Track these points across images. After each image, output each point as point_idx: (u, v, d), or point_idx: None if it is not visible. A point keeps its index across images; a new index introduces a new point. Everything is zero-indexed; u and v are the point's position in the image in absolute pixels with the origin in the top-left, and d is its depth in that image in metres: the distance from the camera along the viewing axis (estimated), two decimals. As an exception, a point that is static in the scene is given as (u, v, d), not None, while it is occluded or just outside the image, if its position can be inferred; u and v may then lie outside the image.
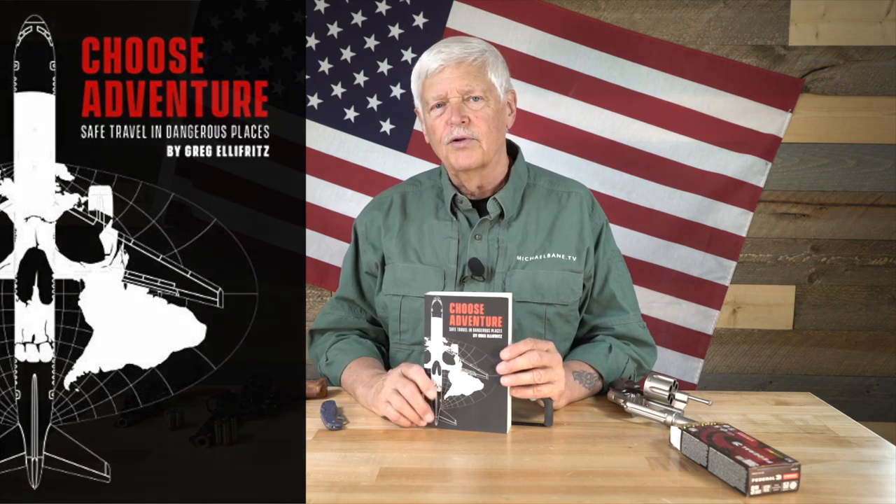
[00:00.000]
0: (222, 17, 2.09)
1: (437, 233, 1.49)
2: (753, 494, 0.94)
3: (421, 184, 1.58)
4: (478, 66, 1.41)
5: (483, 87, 1.41)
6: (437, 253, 1.48)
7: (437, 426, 1.21)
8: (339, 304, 1.59)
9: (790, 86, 2.06)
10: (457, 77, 1.40)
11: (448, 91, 1.40)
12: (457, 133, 1.39)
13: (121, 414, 1.22)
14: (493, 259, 1.46)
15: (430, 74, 1.42)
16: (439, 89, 1.41)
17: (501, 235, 1.47)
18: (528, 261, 1.45)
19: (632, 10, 2.10)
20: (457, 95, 1.40)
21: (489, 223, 1.47)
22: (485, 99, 1.41)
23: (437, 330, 1.20)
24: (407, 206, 1.55)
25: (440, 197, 1.53)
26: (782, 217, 2.16)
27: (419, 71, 1.45)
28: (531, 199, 1.51)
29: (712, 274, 2.11)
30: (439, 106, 1.42)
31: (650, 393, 1.25)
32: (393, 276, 1.50)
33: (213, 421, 1.17)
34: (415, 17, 2.08)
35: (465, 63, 1.40)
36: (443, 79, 1.40)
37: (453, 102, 1.40)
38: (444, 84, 1.40)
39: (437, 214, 1.51)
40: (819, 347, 2.19)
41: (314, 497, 0.95)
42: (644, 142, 2.08)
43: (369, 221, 1.57)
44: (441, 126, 1.42)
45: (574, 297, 1.47)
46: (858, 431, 1.20)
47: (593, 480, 1.00)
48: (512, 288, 1.44)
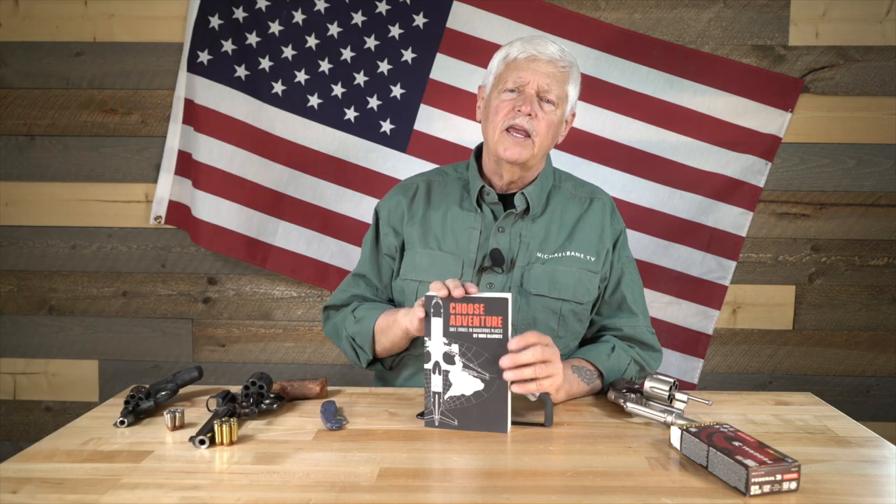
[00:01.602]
0: (222, 17, 2.09)
1: (460, 222, 1.50)
2: (753, 494, 0.94)
3: (447, 174, 1.60)
4: (564, 73, 1.45)
5: (559, 93, 1.44)
6: (458, 241, 1.49)
7: (438, 426, 1.21)
8: (356, 282, 1.59)
9: (790, 86, 2.06)
10: (542, 73, 1.42)
11: (530, 81, 1.42)
12: (519, 122, 1.41)
13: (121, 414, 1.22)
14: (514, 252, 1.47)
15: (518, 60, 1.44)
16: (523, 76, 1.43)
17: (525, 230, 1.48)
18: (547, 258, 1.47)
19: (632, 10, 2.10)
20: (535, 89, 1.43)
21: (514, 217, 1.49)
22: (556, 105, 1.44)
23: (438, 330, 1.20)
24: (432, 194, 1.56)
25: (465, 188, 1.55)
26: (782, 217, 2.16)
27: (507, 53, 1.47)
28: (556, 199, 1.53)
29: (712, 274, 2.11)
30: (513, 91, 1.44)
31: (650, 393, 1.25)
32: (412, 261, 1.51)
33: (213, 421, 1.16)
34: (415, 17, 2.08)
35: (555, 65, 1.43)
36: (530, 69, 1.43)
37: (529, 93, 1.43)
38: (529, 74, 1.42)
39: (461, 204, 1.53)
40: (819, 347, 2.19)
41: (314, 497, 0.95)
42: (644, 142, 2.09)
43: (393, 206, 1.57)
44: (506, 109, 1.43)
45: (590, 296, 1.48)
46: (858, 431, 1.20)
47: (593, 480, 1.00)
48: (530, 282, 1.45)
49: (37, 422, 2.32)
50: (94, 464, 1.07)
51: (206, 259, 2.24)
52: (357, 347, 1.50)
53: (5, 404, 2.32)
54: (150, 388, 1.31)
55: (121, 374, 2.28)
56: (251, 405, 1.26)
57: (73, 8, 2.17)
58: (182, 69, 2.12)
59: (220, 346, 2.28)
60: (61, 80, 2.20)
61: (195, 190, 2.11)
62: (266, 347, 2.28)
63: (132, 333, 2.28)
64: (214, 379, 2.25)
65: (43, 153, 2.23)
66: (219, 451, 1.12)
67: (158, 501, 0.95)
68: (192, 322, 2.27)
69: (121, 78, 2.19)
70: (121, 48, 2.18)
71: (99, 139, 2.22)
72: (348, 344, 1.52)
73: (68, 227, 2.25)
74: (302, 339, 2.27)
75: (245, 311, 2.26)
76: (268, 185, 2.13)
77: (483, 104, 1.52)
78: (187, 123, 2.13)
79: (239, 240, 2.14)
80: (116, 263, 2.26)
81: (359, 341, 1.49)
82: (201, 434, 1.13)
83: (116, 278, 2.26)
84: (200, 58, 2.09)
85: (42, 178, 2.23)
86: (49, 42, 2.19)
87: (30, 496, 0.97)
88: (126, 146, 2.22)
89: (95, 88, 2.20)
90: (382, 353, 1.48)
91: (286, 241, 2.16)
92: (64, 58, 2.19)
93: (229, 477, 1.02)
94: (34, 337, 2.29)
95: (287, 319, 2.26)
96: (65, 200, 2.24)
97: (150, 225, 2.21)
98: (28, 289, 2.28)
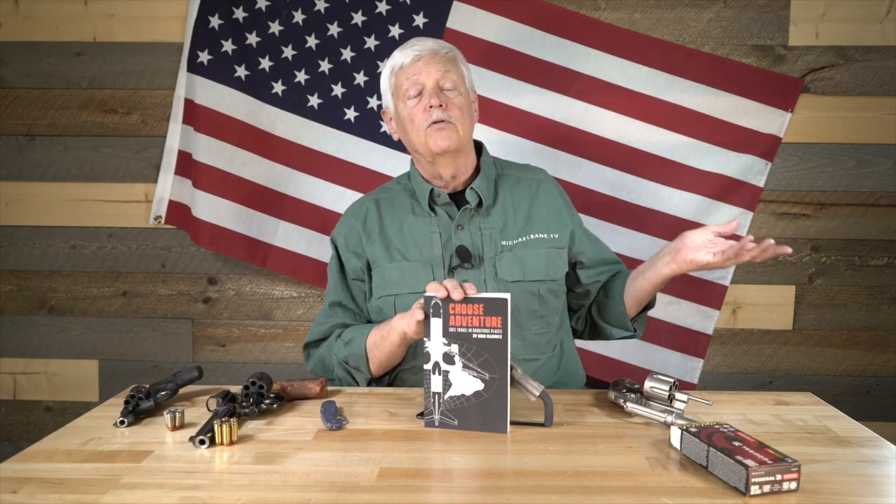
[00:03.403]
0: (222, 17, 2.09)
1: (417, 230, 1.52)
2: (753, 494, 0.94)
3: (391, 189, 1.62)
4: (450, 58, 1.52)
5: (455, 77, 1.50)
6: (420, 248, 1.50)
7: (438, 426, 1.21)
8: (332, 312, 1.58)
9: (790, 86, 2.06)
10: (432, 66, 1.49)
11: (425, 79, 1.48)
12: (436, 115, 1.46)
13: (121, 414, 1.22)
14: (479, 246, 1.50)
15: (405, 66, 1.50)
16: (416, 79, 1.49)
17: (483, 223, 1.52)
18: (512, 244, 1.51)
19: (632, 10, 2.10)
20: (432, 82, 1.48)
21: (469, 212, 1.51)
22: (457, 89, 1.50)
23: (437, 330, 1.20)
24: (382, 211, 1.58)
25: (413, 197, 1.57)
26: (782, 217, 2.16)
27: (392, 66, 1.53)
28: (504, 187, 1.58)
29: (712, 274, 2.11)
30: (416, 96, 1.48)
31: (650, 393, 1.25)
32: (382, 277, 1.52)
33: (213, 421, 1.16)
34: (415, 17, 2.08)
35: (439, 55, 1.50)
36: (419, 68, 1.49)
37: (429, 88, 1.48)
38: (421, 73, 1.48)
39: (413, 212, 1.55)
40: (819, 347, 2.19)
41: (314, 497, 0.95)
42: (644, 142, 2.08)
43: (348, 230, 1.58)
44: (420, 112, 1.48)
45: (560, 272, 1.54)
46: (858, 431, 1.20)
47: (593, 480, 1.00)
48: (503, 270, 1.48)
49: (37, 422, 2.31)
50: (94, 464, 1.07)
51: (206, 259, 2.24)
52: (352, 370, 1.50)
53: (5, 404, 2.32)
54: (150, 388, 1.31)
55: (121, 374, 2.28)
56: (251, 405, 1.26)
57: (73, 8, 2.17)
58: (182, 69, 2.12)
59: (220, 346, 2.28)
60: (61, 80, 2.20)
61: (195, 190, 2.11)
62: (266, 347, 2.28)
63: (132, 333, 2.28)
64: (214, 379, 2.25)
65: (43, 153, 2.23)
66: (219, 451, 1.12)
67: (158, 501, 0.95)
68: (192, 322, 2.27)
69: (121, 78, 2.19)
70: (121, 48, 2.18)
71: (99, 139, 2.22)
72: (341, 369, 1.51)
73: (68, 227, 2.25)
74: (302, 339, 2.27)
75: (245, 311, 2.26)
76: (268, 185, 2.13)
77: (395, 123, 1.56)
78: (187, 123, 2.13)
79: (239, 240, 2.14)
80: (116, 263, 2.26)
81: (353, 363, 1.48)
82: (201, 434, 1.13)
83: (116, 278, 2.26)
84: (200, 58, 2.09)
85: (42, 178, 2.23)
86: (49, 42, 2.19)
87: (30, 496, 0.97)
88: (126, 146, 2.22)
89: (95, 88, 2.20)
90: (377, 369, 1.48)
91: (286, 241, 2.16)
92: (64, 58, 2.19)
93: (229, 477, 1.02)
94: (34, 337, 2.29)
95: (287, 319, 2.26)
96: (65, 200, 2.24)
97: (150, 225, 2.21)
98: (28, 289, 2.28)
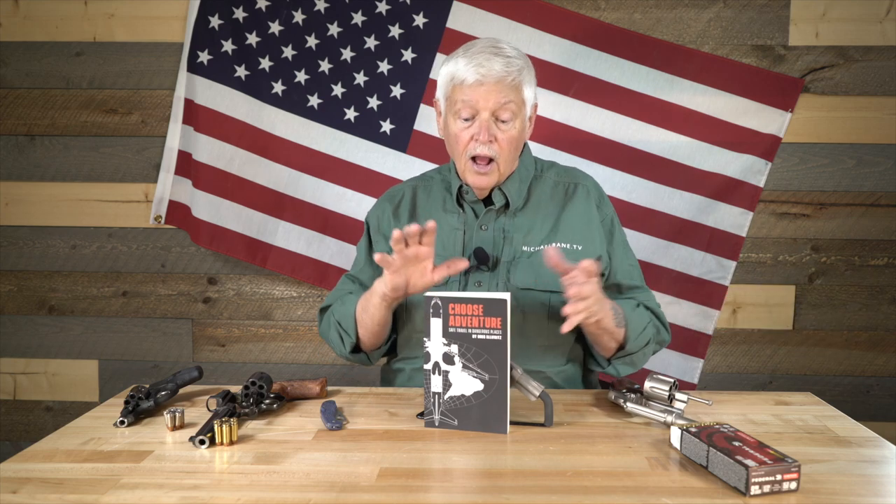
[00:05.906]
0: (222, 17, 2.09)
1: (444, 225, 1.50)
2: (753, 494, 0.94)
3: (431, 178, 1.61)
4: (514, 85, 1.40)
5: (516, 104, 1.41)
6: (444, 245, 1.49)
7: (438, 426, 1.21)
8: (352, 284, 1.58)
9: (790, 86, 2.06)
10: (492, 96, 1.38)
11: (481, 108, 1.39)
12: (480, 150, 1.40)
13: (121, 414, 1.22)
14: (498, 248, 1.47)
15: (465, 85, 1.39)
16: (472, 104, 1.40)
17: (507, 225, 1.48)
18: (533, 250, 1.46)
19: (632, 10, 2.10)
20: (488, 113, 1.39)
21: (494, 213, 1.49)
22: (515, 116, 1.41)
23: (437, 330, 1.20)
24: (417, 201, 1.57)
25: (448, 190, 1.55)
26: (782, 217, 2.16)
27: (453, 75, 1.42)
28: (538, 190, 1.53)
29: (712, 274, 2.11)
30: (467, 120, 1.42)
31: (650, 393, 1.25)
32: None
33: (213, 421, 1.16)
34: (415, 17, 2.08)
35: (504, 83, 1.39)
36: (478, 94, 1.39)
37: (483, 118, 1.40)
38: (479, 100, 1.39)
39: (444, 207, 1.53)
40: (819, 347, 2.19)
41: (314, 497, 0.95)
42: (644, 142, 2.08)
43: (380, 213, 1.59)
44: (465, 139, 1.42)
45: None
46: (858, 431, 1.20)
47: (593, 480, 1.00)
48: (515, 276, 1.45)
49: (37, 422, 2.31)
50: (94, 464, 1.07)
51: (206, 259, 2.24)
52: (342, 332, 1.50)
53: (5, 404, 2.32)
54: (150, 388, 1.31)
55: (121, 374, 2.28)
56: (251, 405, 1.26)
57: (73, 8, 2.17)
58: (182, 69, 2.12)
59: (220, 346, 2.28)
60: (61, 80, 2.20)
61: (195, 190, 2.11)
62: (266, 347, 2.28)
63: (132, 333, 2.28)
64: (214, 379, 2.25)
65: (43, 153, 2.23)
66: (219, 451, 1.12)
67: (158, 501, 0.95)
68: (192, 322, 2.27)
69: (121, 78, 2.19)
70: (121, 48, 2.18)
71: (99, 139, 2.22)
72: (334, 331, 1.52)
73: (68, 227, 2.25)
74: (302, 339, 2.27)
75: (245, 311, 2.26)
76: (268, 185, 2.13)
77: (442, 122, 1.50)
78: (187, 123, 2.13)
79: (239, 240, 2.14)
80: (116, 263, 2.26)
81: (343, 325, 1.49)
82: (201, 434, 1.13)
83: (116, 278, 2.26)
84: (200, 58, 2.09)
85: (42, 178, 2.23)
86: (49, 42, 2.19)
87: (30, 496, 0.97)
88: (126, 146, 2.22)
89: (95, 88, 2.20)
90: (366, 336, 1.47)
91: (286, 241, 2.16)
92: (64, 58, 2.19)
93: (229, 477, 1.02)
94: (34, 337, 2.29)
95: (287, 319, 2.26)
96: (65, 200, 2.24)
97: (150, 225, 2.21)
98: (28, 289, 2.28)
